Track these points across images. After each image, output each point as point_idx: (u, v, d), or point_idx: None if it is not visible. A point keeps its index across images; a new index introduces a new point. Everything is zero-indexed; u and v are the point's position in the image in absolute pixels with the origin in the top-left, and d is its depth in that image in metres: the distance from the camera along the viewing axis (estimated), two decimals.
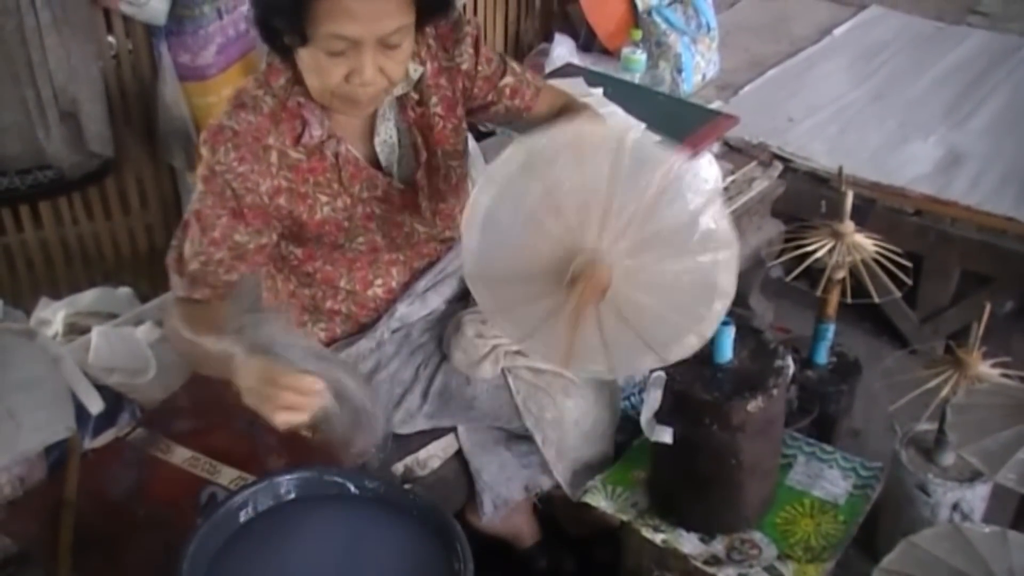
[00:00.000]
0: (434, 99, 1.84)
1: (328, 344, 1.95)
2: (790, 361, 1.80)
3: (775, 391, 1.74)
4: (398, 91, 1.79)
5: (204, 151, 1.67)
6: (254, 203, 1.69)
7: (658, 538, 1.83)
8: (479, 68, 1.88)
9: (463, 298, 2.00)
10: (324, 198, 1.77)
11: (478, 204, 1.47)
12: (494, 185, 1.46)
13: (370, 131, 1.81)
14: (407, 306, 1.94)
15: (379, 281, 1.92)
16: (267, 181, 1.70)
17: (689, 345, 1.55)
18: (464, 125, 1.92)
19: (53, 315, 2.32)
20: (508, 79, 1.92)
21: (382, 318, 1.94)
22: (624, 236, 1.46)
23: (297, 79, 1.69)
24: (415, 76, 1.79)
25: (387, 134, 1.83)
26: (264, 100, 1.69)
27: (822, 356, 2.42)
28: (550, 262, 1.47)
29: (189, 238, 1.71)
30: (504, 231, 1.48)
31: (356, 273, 1.89)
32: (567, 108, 1.95)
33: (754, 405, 1.71)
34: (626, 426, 2.03)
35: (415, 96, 1.82)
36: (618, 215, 1.45)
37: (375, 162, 1.83)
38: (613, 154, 1.44)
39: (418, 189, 1.85)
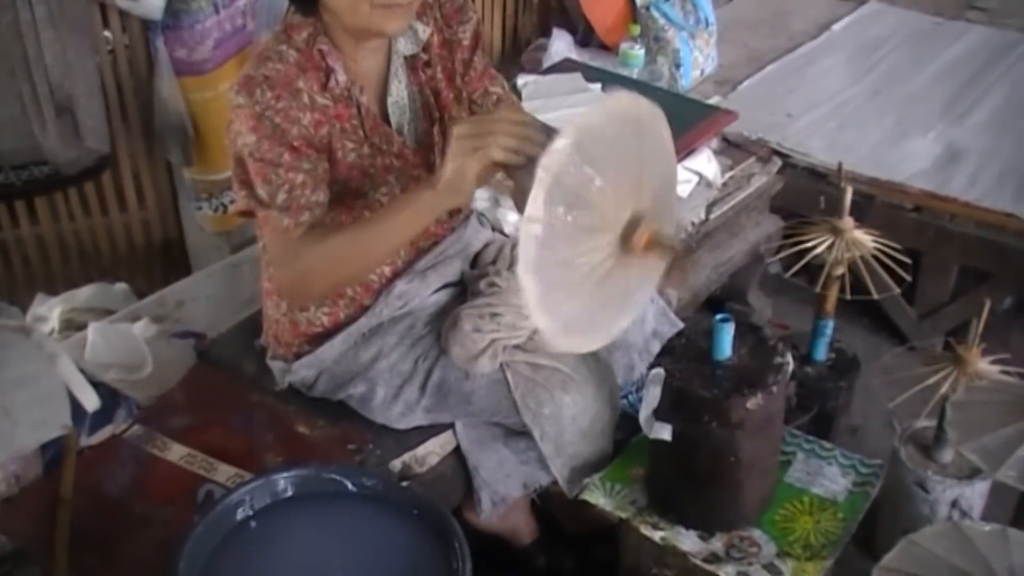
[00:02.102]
0: (439, 68, 1.88)
1: (332, 329, 1.95)
2: (789, 358, 1.79)
3: (774, 388, 1.73)
4: (408, 50, 1.83)
5: (241, 99, 1.67)
6: (301, 135, 1.70)
7: (657, 536, 1.83)
8: (474, 60, 1.91)
9: (463, 292, 1.99)
10: (350, 144, 1.78)
11: (589, 116, 1.44)
12: (606, 113, 1.46)
13: (383, 89, 1.84)
14: (407, 283, 1.94)
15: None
16: (307, 115, 1.71)
17: None
18: (464, 95, 1.94)
19: (49, 311, 2.32)
20: (498, 88, 1.97)
21: (381, 296, 1.94)
22: (656, 196, 1.55)
23: (318, 31, 1.72)
24: (424, 36, 1.83)
25: (399, 94, 1.85)
26: (288, 53, 1.71)
27: (821, 353, 2.42)
28: (614, 211, 1.49)
29: (260, 183, 1.70)
30: (597, 155, 1.45)
31: None
32: None
33: (753, 402, 1.70)
34: (625, 423, 2.02)
35: (424, 57, 1.86)
36: (651, 180, 1.54)
37: (385, 122, 1.84)
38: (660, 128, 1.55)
39: (432, 146, 1.88)
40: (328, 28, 1.73)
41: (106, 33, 2.71)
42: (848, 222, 2.20)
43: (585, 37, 3.55)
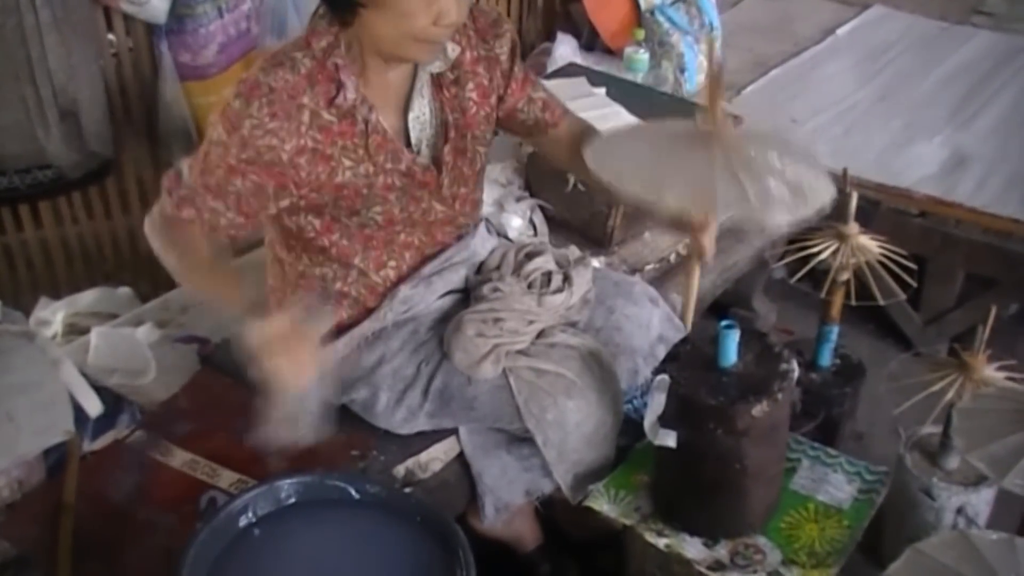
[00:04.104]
0: (470, 84, 1.87)
1: (334, 330, 1.93)
2: (795, 365, 1.78)
3: (780, 395, 1.72)
4: (435, 68, 1.82)
5: (237, 103, 1.66)
6: (270, 161, 1.69)
7: (661, 543, 1.82)
8: (514, 70, 1.93)
9: (467, 299, 1.99)
10: (348, 162, 1.77)
11: None
12: None
13: (404, 105, 1.83)
14: (411, 288, 1.93)
15: (392, 263, 1.91)
16: (293, 140, 1.70)
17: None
18: (495, 115, 1.95)
19: (53, 315, 2.31)
20: (541, 92, 2.00)
21: (385, 300, 1.94)
22: None
23: (338, 43, 1.71)
24: (452, 56, 1.82)
25: (420, 110, 1.84)
26: (302, 62, 1.70)
27: (826, 359, 2.41)
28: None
29: (190, 167, 1.73)
30: None
31: (371, 252, 1.88)
32: (588, 133, 2.02)
33: (759, 410, 1.70)
34: (629, 430, 2.01)
35: (451, 76, 1.86)
36: None
37: (404, 137, 1.84)
38: None
39: (442, 166, 1.87)
40: (354, 41, 1.72)
41: (110, 37, 2.72)
42: (853, 228, 2.19)
43: (590, 41, 3.55)
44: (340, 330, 1.94)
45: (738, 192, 1.51)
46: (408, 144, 1.84)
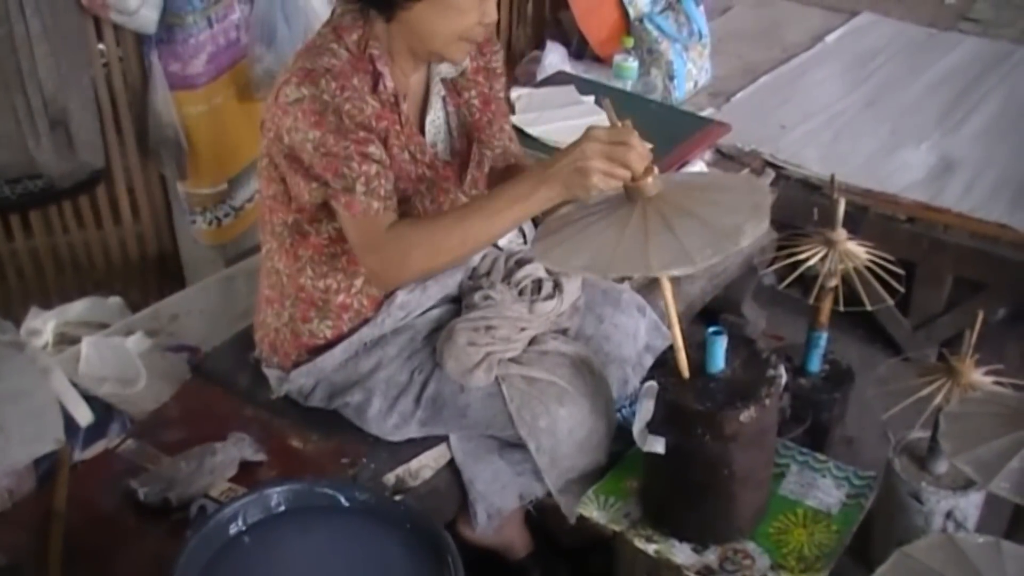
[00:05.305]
0: (473, 92, 1.94)
1: (334, 342, 1.95)
2: (783, 371, 1.79)
3: (768, 401, 1.73)
4: (450, 74, 1.89)
5: (304, 91, 1.66)
6: (365, 125, 1.70)
7: (651, 549, 1.82)
8: (496, 88, 1.99)
9: (460, 308, 1.99)
10: (395, 149, 1.80)
11: None
12: None
13: (422, 106, 1.88)
14: (407, 293, 1.95)
15: None
16: (368, 106, 1.72)
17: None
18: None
19: (43, 325, 2.32)
20: (510, 124, 2.06)
21: (383, 307, 1.94)
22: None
23: (369, 35, 1.73)
24: (465, 64, 1.89)
25: (435, 114, 1.89)
26: (339, 51, 1.72)
27: (815, 364, 2.41)
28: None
29: (332, 177, 1.69)
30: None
31: None
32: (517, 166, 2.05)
33: (747, 415, 1.70)
34: (620, 436, 2.02)
35: (462, 82, 1.92)
36: None
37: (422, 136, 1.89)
38: None
39: (466, 163, 1.93)
40: (385, 38, 1.75)
41: (100, 47, 2.72)
42: (841, 233, 2.20)
43: (579, 50, 3.56)
44: (339, 341, 1.95)
45: (639, 253, 1.54)
46: None
